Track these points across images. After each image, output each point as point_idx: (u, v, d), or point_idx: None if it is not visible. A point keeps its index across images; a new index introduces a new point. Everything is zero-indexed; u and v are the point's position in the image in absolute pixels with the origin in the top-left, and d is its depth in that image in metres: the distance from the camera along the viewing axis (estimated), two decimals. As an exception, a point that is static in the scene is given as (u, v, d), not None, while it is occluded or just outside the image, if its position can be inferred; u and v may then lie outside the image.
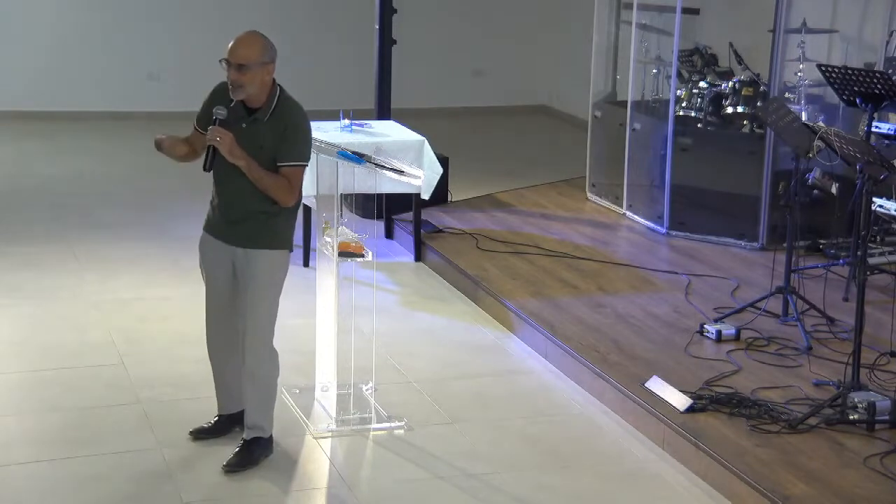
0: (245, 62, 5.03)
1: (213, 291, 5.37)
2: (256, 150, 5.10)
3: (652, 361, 6.25)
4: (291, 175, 5.13)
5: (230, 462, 5.27)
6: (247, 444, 5.34)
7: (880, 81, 7.13)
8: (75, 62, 12.84)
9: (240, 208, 5.19)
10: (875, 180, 5.71)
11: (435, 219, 8.82)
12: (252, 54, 5.05)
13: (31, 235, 8.68)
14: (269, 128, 5.12)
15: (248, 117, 5.14)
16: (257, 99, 5.12)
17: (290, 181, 5.12)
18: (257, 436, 5.35)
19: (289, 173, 5.12)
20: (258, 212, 5.16)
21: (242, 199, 5.16)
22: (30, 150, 11.52)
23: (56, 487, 5.09)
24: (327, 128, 8.03)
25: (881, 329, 6.49)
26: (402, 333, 6.98)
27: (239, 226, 5.20)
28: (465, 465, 5.38)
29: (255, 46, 5.08)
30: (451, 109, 13.81)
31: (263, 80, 5.10)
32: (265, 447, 5.37)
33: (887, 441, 5.37)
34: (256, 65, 5.05)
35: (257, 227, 5.18)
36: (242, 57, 5.04)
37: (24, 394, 6.01)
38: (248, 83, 5.06)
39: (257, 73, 5.06)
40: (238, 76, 5.04)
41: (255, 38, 5.11)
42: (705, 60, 9.20)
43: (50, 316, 7.08)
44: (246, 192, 5.13)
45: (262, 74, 5.08)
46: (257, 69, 5.06)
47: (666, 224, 8.74)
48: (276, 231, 5.22)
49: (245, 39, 5.10)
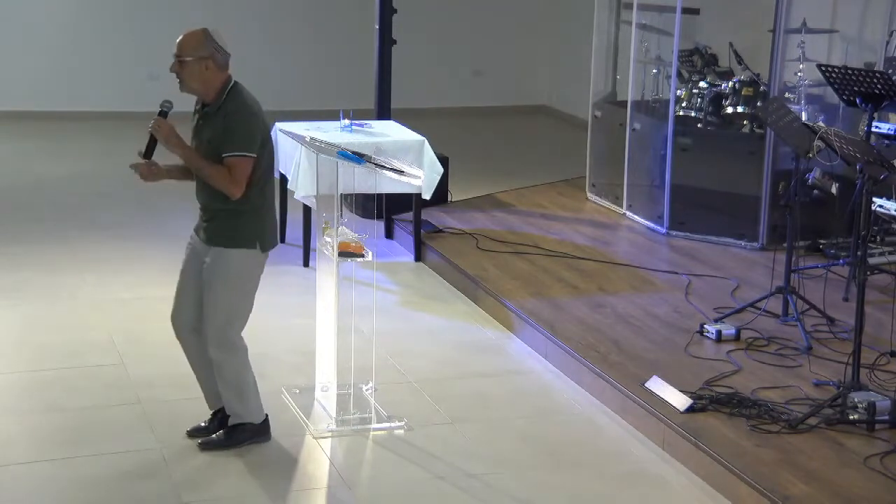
0: (181, 55, 5.23)
1: (182, 285, 5.46)
2: (205, 144, 5.25)
3: (652, 361, 6.24)
4: (232, 165, 5.18)
5: (208, 439, 5.43)
6: (231, 428, 5.45)
7: (880, 81, 7.13)
8: (75, 62, 12.84)
9: (206, 207, 5.35)
10: (875, 180, 5.71)
11: (435, 219, 8.82)
12: (186, 48, 5.22)
13: (31, 235, 8.69)
14: (214, 121, 5.25)
15: (201, 111, 5.32)
16: (205, 94, 5.28)
17: (231, 171, 5.18)
18: (240, 422, 5.44)
19: (230, 163, 5.18)
20: (219, 210, 5.29)
21: (206, 197, 5.32)
22: (30, 150, 11.52)
23: (56, 487, 5.09)
24: (327, 128, 8.03)
25: (881, 329, 6.49)
26: (402, 333, 6.98)
27: (207, 224, 5.35)
28: (465, 465, 5.38)
29: (192, 41, 5.24)
30: (451, 109, 13.81)
31: (203, 76, 5.23)
32: (253, 433, 5.46)
33: (887, 441, 5.37)
34: (193, 59, 5.21)
35: (219, 226, 5.30)
36: (178, 48, 5.24)
37: (24, 394, 6.01)
38: (186, 77, 5.23)
39: (194, 67, 5.22)
40: (177, 69, 5.25)
41: (193, 33, 5.27)
42: (705, 60, 9.20)
43: (50, 316, 7.08)
44: (207, 190, 5.28)
45: (199, 69, 5.22)
46: (194, 64, 5.21)
47: (666, 224, 8.74)
48: (237, 229, 5.29)
49: (186, 34, 5.28)
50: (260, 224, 5.35)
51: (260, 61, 13.21)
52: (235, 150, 5.18)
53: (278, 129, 8.12)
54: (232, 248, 5.28)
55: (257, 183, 5.27)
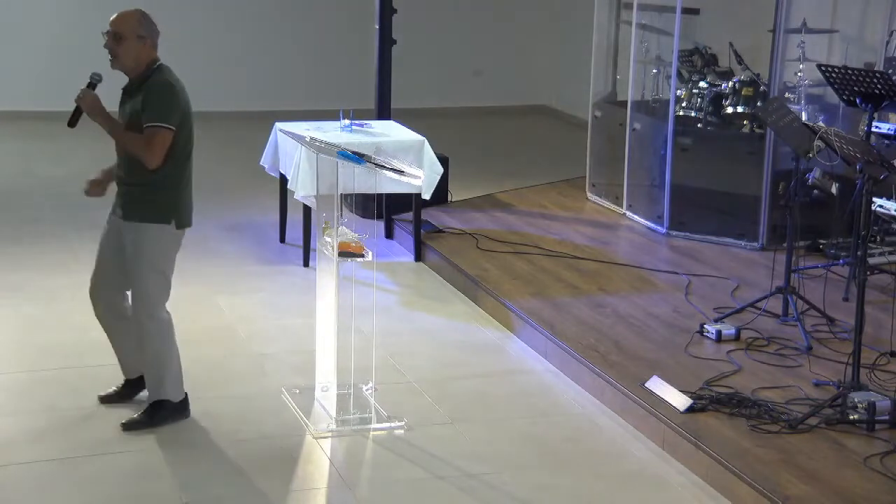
0: (119, 31, 5.36)
1: (99, 260, 5.64)
2: (127, 117, 5.44)
3: (652, 361, 6.25)
4: (151, 135, 5.33)
5: (131, 419, 5.54)
6: (150, 407, 5.59)
7: (880, 81, 7.13)
8: (76, 62, 12.77)
9: (121, 179, 5.50)
10: (875, 180, 5.71)
11: (435, 219, 8.82)
12: (125, 26, 5.37)
13: (31, 235, 8.69)
14: (136, 95, 5.43)
15: (128, 88, 5.48)
16: (135, 71, 5.43)
17: (148, 140, 5.33)
18: (158, 399, 5.56)
19: (148, 133, 5.34)
20: (135, 183, 5.44)
21: (122, 169, 5.49)
22: (30, 149, 11.53)
23: (56, 487, 5.09)
24: (327, 128, 8.03)
25: (881, 329, 6.49)
26: (402, 333, 6.98)
27: (121, 197, 5.50)
28: (465, 465, 5.38)
29: (131, 19, 5.41)
30: (451, 109, 13.82)
31: (139, 56, 5.40)
32: (172, 411, 5.60)
33: (887, 441, 5.37)
34: (131, 37, 5.36)
35: (134, 199, 5.46)
36: (117, 26, 5.37)
37: (24, 394, 6.01)
38: (122, 54, 5.39)
39: (132, 45, 5.38)
40: (112, 45, 5.39)
41: (132, 12, 5.44)
42: (705, 60, 9.20)
43: (50, 316, 7.08)
44: (124, 163, 5.45)
45: (136, 48, 5.39)
46: (132, 42, 5.37)
47: (666, 224, 8.74)
48: (154, 203, 5.43)
49: (124, 12, 5.43)
50: (175, 200, 5.48)
51: (260, 61, 13.23)
52: (155, 120, 5.34)
53: (278, 129, 8.13)
54: (147, 222, 5.43)
55: (175, 158, 5.43)
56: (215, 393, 5.98)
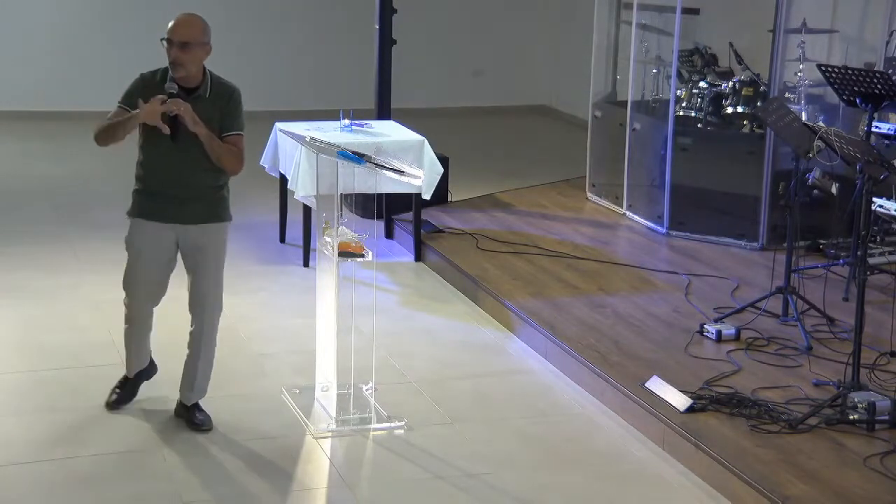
0: (188, 40, 5.33)
1: (147, 272, 5.65)
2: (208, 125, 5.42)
3: (652, 361, 6.25)
4: (237, 141, 5.47)
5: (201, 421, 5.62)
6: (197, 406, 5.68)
7: (880, 81, 7.13)
8: (76, 62, 12.84)
9: (193, 186, 5.47)
10: (875, 180, 5.71)
11: (435, 219, 8.82)
12: (194, 34, 5.37)
13: (31, 235, 8.69)
14: (211, 103, 5.42)
15: (189, 96, 5.40)
16: (194, 78, 5.43)
17: (239, 148, 5.46)
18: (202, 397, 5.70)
19: (235, 141, 5.46)
20: (209, 187, 5.50)
21: (195, 176, 5.46)
22: (30, 149, 11.52)
23: (56, 487, 5.09)
24: (327, 128, 8.03)
25: (881, 329, 6.49)
26: (402, 333, 6.98)
27: (193, 203, 5.49)
28: (465, 465, 5.38)
29: (197, 27, 5.40)
30: (451, 109, 13.81)
31: (202, 62, 5.43)
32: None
33: (887, 441, 5.37)
34: (198, 44, 5.37)
35: (210, 203, 5.52)
36: (186, 36, 5.35)
37: (24, 394, 6.01)
38: (188, 62, 5.36)
39: (197, 52, 5.38)
40: (180, 54, 5.35)
41: (196, 19, 5.43)
42: (705, 60, 9.20)
43: (50, 316, 7.08)
44: (198, 169, 5.43)
45: (201, 54, 5.41)
46: (198, 48, 5.38)
47: (666, 224, 8.74)
48: (225, 202, 5.60)
49: (188, 20, 5.41)
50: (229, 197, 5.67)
51: (260, 61, 13.23)
52: (239, 128, 5.48)
53: (278, 129, 8.13)
54: (224, 221, 5.58)
55: None
56: (215, 393, 5.97)
